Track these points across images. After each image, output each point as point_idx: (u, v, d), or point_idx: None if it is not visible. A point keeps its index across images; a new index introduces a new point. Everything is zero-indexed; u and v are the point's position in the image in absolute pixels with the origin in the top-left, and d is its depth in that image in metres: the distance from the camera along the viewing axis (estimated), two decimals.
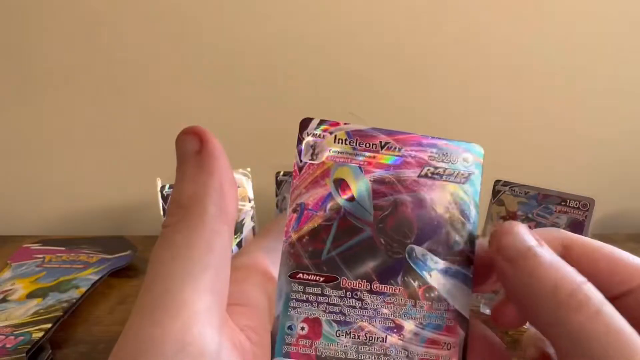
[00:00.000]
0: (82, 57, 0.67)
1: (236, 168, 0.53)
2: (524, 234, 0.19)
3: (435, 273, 0.20)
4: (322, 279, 0.20)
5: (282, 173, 0.54)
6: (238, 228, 0.52)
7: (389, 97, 0.68)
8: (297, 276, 0.20)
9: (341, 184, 0.21)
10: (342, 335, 0.19)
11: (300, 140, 0.21)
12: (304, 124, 0.21)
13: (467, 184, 0.21)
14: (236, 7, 0.65)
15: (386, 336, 0.20)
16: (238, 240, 0.52)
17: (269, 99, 0.69)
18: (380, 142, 0.21)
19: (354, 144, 0.21)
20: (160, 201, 0.49)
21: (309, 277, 0.20)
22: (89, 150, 0.72)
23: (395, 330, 0.20)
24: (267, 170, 0.54)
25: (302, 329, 0.20)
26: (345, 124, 0.21)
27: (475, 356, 0.20)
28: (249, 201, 0.53)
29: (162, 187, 0.50)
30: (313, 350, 0.19)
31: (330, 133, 0.21)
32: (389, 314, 0.20)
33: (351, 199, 0.21)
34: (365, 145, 0.21)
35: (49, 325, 0.45)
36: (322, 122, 0.21)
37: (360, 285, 0.20)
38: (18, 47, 0.67)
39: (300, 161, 0.21)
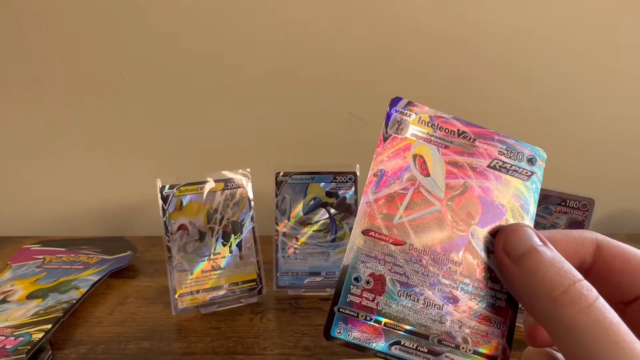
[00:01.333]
0: (84, 58, 0.67)
1: (236, 168, 0.53)
2: (530, 234, 0.20)
3: (493, 256, 0.21)
4: (391, 240, 0.21)
5: (281, 173, 0.54)
6: (238, 229, 0.52)
7: (385, 99, 0.68)
8: (370, 233, 0.21)
9: (419, 160, 0.23)
10: (403, 295, 0.21)
11: (389, 115, 0.23)
12: (394, 101, 0.23)
13: (529, 182, 0.23)
14: (238, 7, 0.65)
15: (443, 305, 0.21)
16: (238, 240, 0.52)
17: (269, 100, 0.69)
18: (458, 130, 0.23)
19: (435, 127, 0.23)
20: (160, 201, 0.49)
21: (380, 237, 0.21)
22: (89, 150, 0.72)
23: (451, 300, 0.21)
24: (267, 170, 0.54)
25: (368, 282, 0.21)
26: (430, 108, 0.23)
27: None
28: (249, 202, 0.53)
29: (162, 187, 0.49)
30: (375, 305, 0.20)
31: (416, 114, 0.23)
32: (447, 284, 0.21)
33: (426, 175, 0.22)
34: (445, 130, 0.23)
35: (49, 326, 0.45)
36: (409, 102, 0.23)
37: (425, 253, 0.21)
38: (19, 49, 0.67)
39: (386, 132, 0.23)
